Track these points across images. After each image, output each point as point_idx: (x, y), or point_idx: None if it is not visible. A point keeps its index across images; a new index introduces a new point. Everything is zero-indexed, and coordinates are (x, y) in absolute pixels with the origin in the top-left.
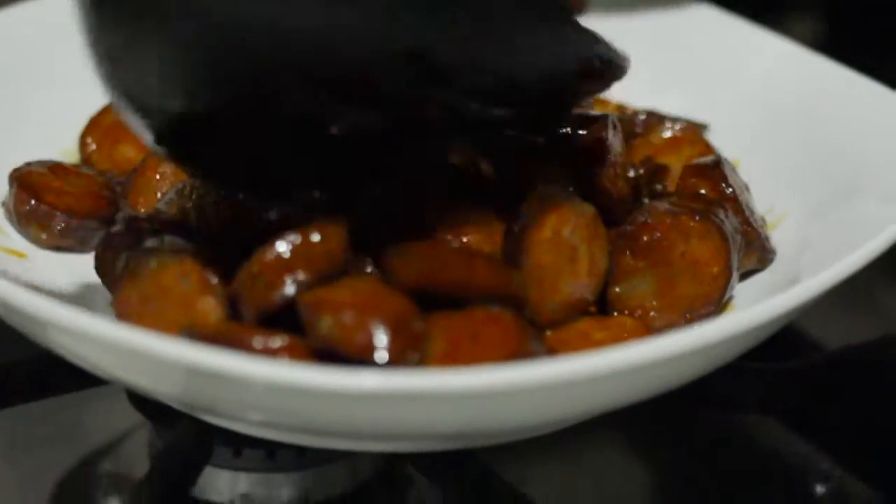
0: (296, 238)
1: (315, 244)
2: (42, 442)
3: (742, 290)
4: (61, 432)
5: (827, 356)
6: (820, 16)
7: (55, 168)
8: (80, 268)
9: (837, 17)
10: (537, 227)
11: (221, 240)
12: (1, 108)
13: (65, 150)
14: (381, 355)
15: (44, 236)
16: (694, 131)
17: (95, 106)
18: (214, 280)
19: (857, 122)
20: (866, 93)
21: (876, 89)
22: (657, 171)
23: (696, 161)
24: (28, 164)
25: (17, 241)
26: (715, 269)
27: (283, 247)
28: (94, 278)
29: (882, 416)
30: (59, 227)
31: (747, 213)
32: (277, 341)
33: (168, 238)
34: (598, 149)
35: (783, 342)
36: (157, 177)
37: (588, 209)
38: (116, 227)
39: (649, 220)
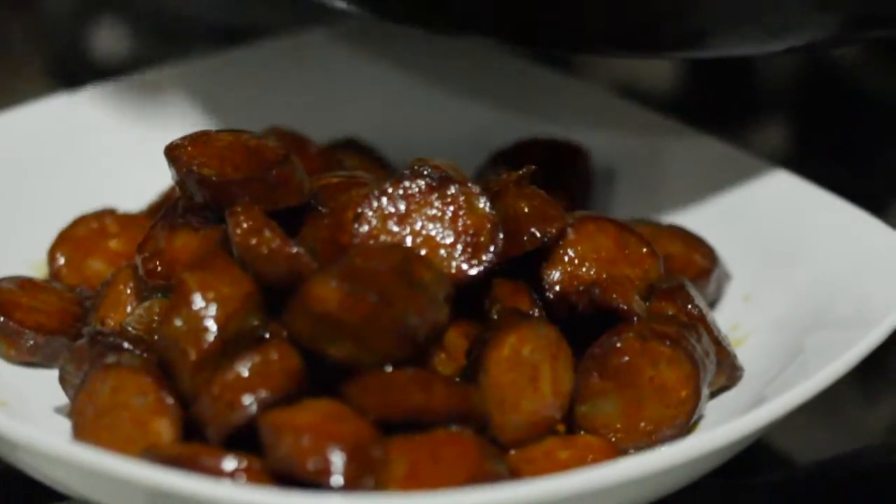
0: (255, 357)
1: (273, 362)
2: None
3: (712, 408)
4: None
5: (798, 470)
6: (787, 124)
7: (24, 284)
8: (48, 382)
9: (805, 126)
10: (496, 347)
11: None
12: None
13: (33, 263)
14: (337, 479)
15: (12, 352)
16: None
17: (65, 220)
18: (170, 400)
19: (824, 243)
20: (833, 212)
21: (844, 208)
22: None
23: (659, 284)
24: None
25: None
26: (683, 394)
27: (242, 367)
28: (62, 394)
29: None
30: (28, 344)
31: (716, 332)
32: (234, 462)
33: (129, 354)
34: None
35: (752, 457)
36: (127, 291)
37: (550, 330)
38: (80, 342)
39: (618, 344)
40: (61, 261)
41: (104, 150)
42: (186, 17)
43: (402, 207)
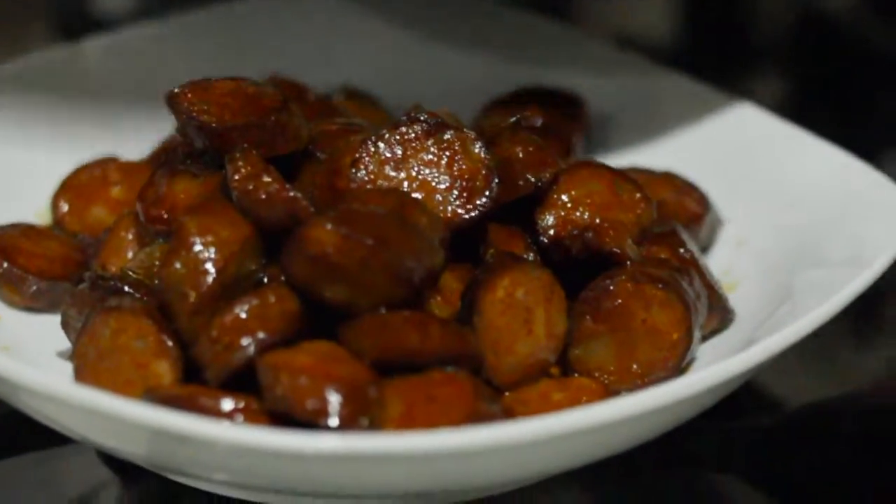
0: (252, 300)
1: (271, 305)
2: (13, 499)
3: (704, 351)
4: (32, 490)
5: (788, 413)
6: (786, 75)
7: (27, 231)
8: (51, 328)
9: (803, 77)
10: (490, 289)
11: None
12: None
13: (37, 211)
14: (333, 420)
15: (16, 298)
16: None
17: (67, 168)
18: (170, 343)
19: (816, 189)
20: (825, 159)
21: (836, 155)
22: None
23: (652, 229)
24: (1, 227)
25: None
26: (675, 336)
27: (240, 309)
28: (66, 339)
29: (842, 473)
30: (31, 290)
31: (708, 276)
32: (232, 403)
33: (130, 298)
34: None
35: (744, 400)
36: (129, 237)
37: (543, 273)
38: (82, 286)
39: (611, 287)
40: (64, 208)
41: (106, 100)
42: None
43: (399, 153)
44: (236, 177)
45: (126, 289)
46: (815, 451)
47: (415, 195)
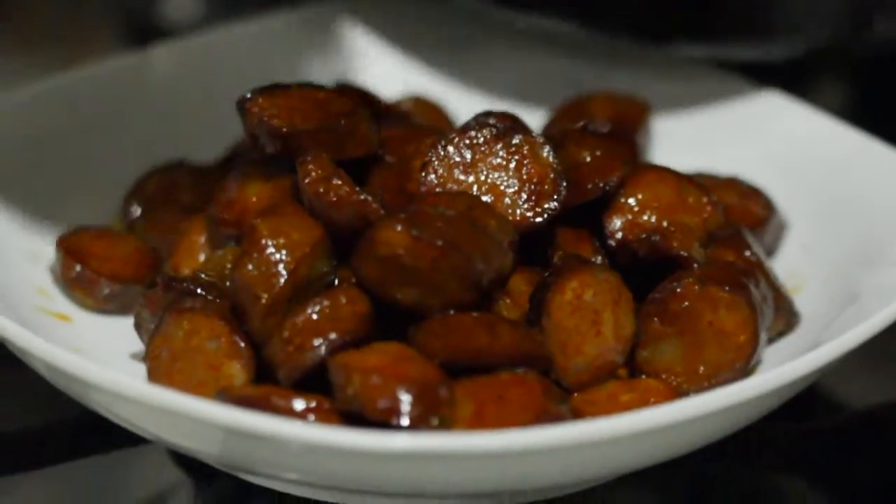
0: (324, 301)
1: (342, 306)
2: (86, 500)
3: (770, 354)
4: (105, 490)
5: (851, 415)
6: (849, 83)
7: (100, 234)
8: (123, 330)
9: (866, 85)
10: (558, 291)
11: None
12: (48, 173)
13: (110, 215)
14: (404, 420)
15: (89, 301)
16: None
17: (140, 172)
18: (242, 344)
19: (879, 193)
20: (888, 162)
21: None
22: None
23: (718, 232)
24: (74, 230)
25: (63, 304)
26: (742, 338)
27: (311, 310)
28: (137, 341)
29: None
30: (103, 293)
31: (773, 278)
32: (304, 403)
33: (202, 299)
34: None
35: (808, 402)
36: (201, 241)
37: (611, 275)
38: (155, 288)
39: (678, 289)
40: (136, 212)
41: (177, 105)
42: None
43: (468, 156)
44: (307, 180)
45: (199, 291)
46: (878, 453)
47: (484, 198)
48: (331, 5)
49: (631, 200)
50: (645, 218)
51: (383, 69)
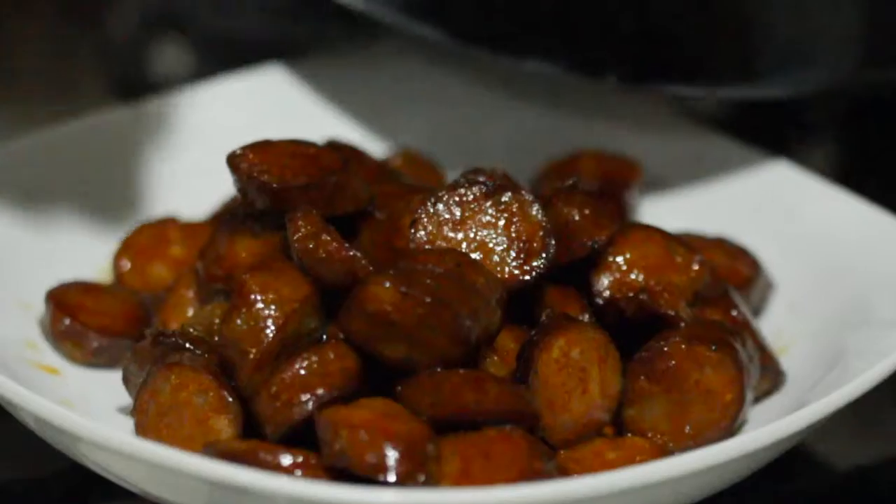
0: (312, 357)
1: (331, 361)
2: None
3: (756, 413)
4: None
5: (836, 476)
6: (834, 141)
7: (90, 288)
8: (111, 384)
9: (851, 144)
10: (546, 349)
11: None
12: (38, 227)
13: (99, 269)
14: (391, 476)
15: (77, 354)
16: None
17: (130, 226)
18: (230, 398)
19: (866, 254)
20: (875, 223)
21: (884, 219)
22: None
23: (705, 292)
24: (64, 284)
25: (51, 357)
26: (728, 398)
27: (299, 366)
28: (125, 395)
29: None
30: (92, 346)
31: (760, 338)
32: (291, 458)
33: (190, 354)
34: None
35: (793, 462)
36: (189, 295)
37: (598, 333)
38: (143, 342)
39: (665, 348)
40: (125, 266)
41: (166, 160)
42: (244, 38)
43: (458, 213)
44: (296, 236)
45: (187, 345)
46: None
47: (473, 255)
48: (320, 60)
49: (619, 259)
50: (632, 276)
51: (373, 125)
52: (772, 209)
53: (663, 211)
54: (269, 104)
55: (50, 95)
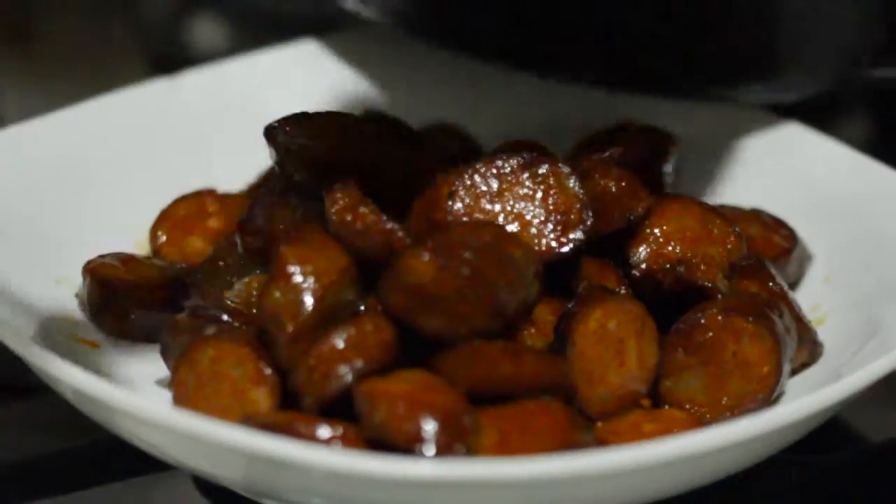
0: (350, 329)
1: (369, 334)
2: None
3: (793, 385)
4: None
5: (871, 449)
6: (872, 115)
7: (127, 260)
8: (149, 356)
9: (889, 117)
10: (582, 320)
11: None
12: (76, 200)
13: (137, 241)
14: (429, 447)
15: (115, 327)
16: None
17: (167, 199)
18: (268, 370)
19: None
20: None
21: None
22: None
23: (742, 262)
24: (102, 257)
25: (90, 330)
26: (765, 369)
27: (337, 338)
28: (164, 368)
29: None
30: (131, 319)
31: (797, 309)
32: (330, 430)
33: (228, 326)
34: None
35: (828, 435)
36: (228, 267)
37: (635, 305)
38: (180, 315)
39: (702, 320)
40: (163, 238)
41: (205, 133)
42: (280, 12)
43: (495, 186)
44: (334, 208)
45: (224, 317)
46: None
47: (510, 228)
48: (357, 33)
49: (656, 231)
50: (669, 248)
51: (411, 98)
52: (809, 182)
53: (699, 183)
54: (306, 78)
55: (87, 74)
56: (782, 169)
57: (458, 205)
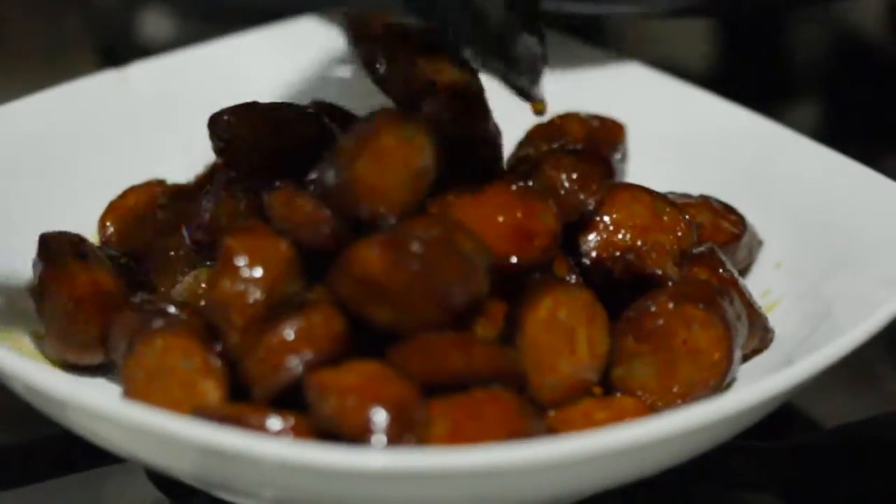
0: (300, 320)
1: (318, 325)
2: None
3: (744, 371)
4: None
5: (825, 434)
6: (820, 103)
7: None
8: None
9: (838, 106)
10: (533, 308)
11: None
12: (27, 191)
13: (87, 233)
14: (380, 438)
15: None
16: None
17: (117, 190)
18: (217, 362)
19: (853, 211)
20: (862, 182)
21: (873, 178)
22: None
23: (692, 250)
24: None
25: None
26: (716, 356)
27: (287, 329)
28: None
29: (880, 495)
30: None
31: (747, 295)
32: (280, 421)
33: (175, 319)
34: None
35: (781, 420)
36: (177, 258)
37: (585, 293)
38: (125, 312)
39: (653, 307)
40: (111, 229)
41: (153, 124)
42: (228, 3)
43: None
44: (272, 201)
45: (171, 310)
46: (851, 471)
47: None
48: (307, 22)
49: (605, 219)
50: (619, 236)
51: (362, 86)
52: (757, 168)
53: (647, 171)
54: (254, 69)
55: (37, 63)
56: (730, 155)
57: None
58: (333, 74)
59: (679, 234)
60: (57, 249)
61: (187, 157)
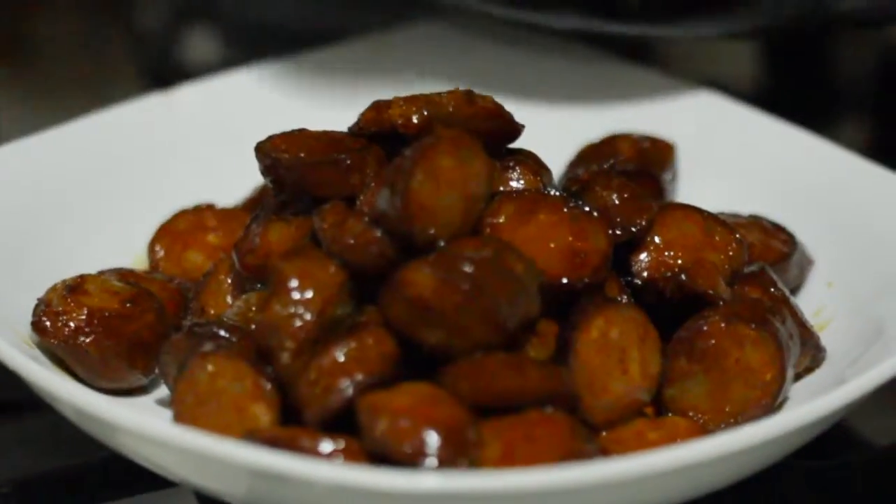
0: (351, 342)
1: (370, 347)
2: None
3: (797, 390)
4: None
5: (877, 453)
6: (868, 121)
7: (125, 276)
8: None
9: (885, 124)
10: (584, 329)
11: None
12: (75, 216)
13: (135, 257)
14: (431, 461)
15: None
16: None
17: (165, 214)
18: (268, 385)
19: None
20: None
21: None
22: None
23: (745, 270)
24: (100, 272)
25: None
26: (768, 376)
27: (338, 352)
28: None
29: None
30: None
31: (799, 314)
32: (332, 444)
33: (226, 342)
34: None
35: (832, 439)
36: (227, 281)
37: (637, 314)
38: (177, 335)
39: (705, 327)
40: (161, 253)
41: (201, 147)
42: (272, 24)
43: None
44: (323, 224)
45: (222, 333)
46: None
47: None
48: (353, 45)
49: (657, 239)
50: (671, 256)
51: None
52: (809, 186)
53: (698, 191)
54: (301, 91)
55: (82, 88)
56: (782, 174)
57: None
58: (383, 97)
59: (730, 253)
60: None
61: (237, 180)
